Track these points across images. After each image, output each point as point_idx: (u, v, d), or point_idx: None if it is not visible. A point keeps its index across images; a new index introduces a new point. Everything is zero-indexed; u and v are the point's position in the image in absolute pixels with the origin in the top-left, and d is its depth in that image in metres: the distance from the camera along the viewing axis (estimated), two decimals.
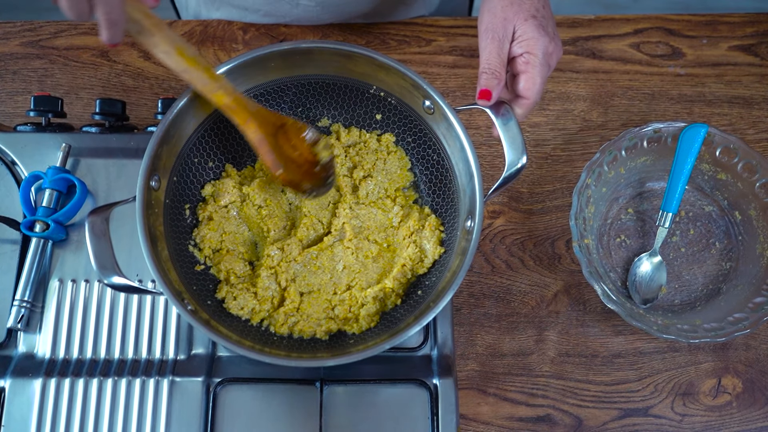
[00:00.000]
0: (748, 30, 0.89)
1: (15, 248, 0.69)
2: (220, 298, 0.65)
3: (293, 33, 0.87)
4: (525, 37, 0.59)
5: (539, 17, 0.60)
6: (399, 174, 0.71)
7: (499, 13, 0.60)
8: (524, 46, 0.59)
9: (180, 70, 0.59)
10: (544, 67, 0.60)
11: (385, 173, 0.70)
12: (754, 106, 0.85)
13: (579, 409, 0.73)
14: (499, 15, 0.60)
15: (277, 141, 0.64)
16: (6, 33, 0.86)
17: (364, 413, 0.65)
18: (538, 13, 0.60)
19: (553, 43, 0.60)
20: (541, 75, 0.60)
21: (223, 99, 0.61)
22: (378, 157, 0.71)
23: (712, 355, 0.75)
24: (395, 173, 0.71)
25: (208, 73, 0.60)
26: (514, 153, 0.61)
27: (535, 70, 0.59)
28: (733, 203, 0.78)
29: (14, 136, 0.72)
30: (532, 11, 0.60)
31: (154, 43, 0.57)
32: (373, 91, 0.69)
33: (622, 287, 0.77)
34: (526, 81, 0.60)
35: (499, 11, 0.60)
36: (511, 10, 0.60)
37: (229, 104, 0.61)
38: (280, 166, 0.64)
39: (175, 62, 0.58)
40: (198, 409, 0.64)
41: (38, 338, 0.67)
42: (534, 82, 0.60)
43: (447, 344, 0.69)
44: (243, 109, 0.62)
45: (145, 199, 0.59)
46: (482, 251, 0.78)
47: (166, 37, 0.57)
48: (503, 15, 0.60)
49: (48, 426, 0.63)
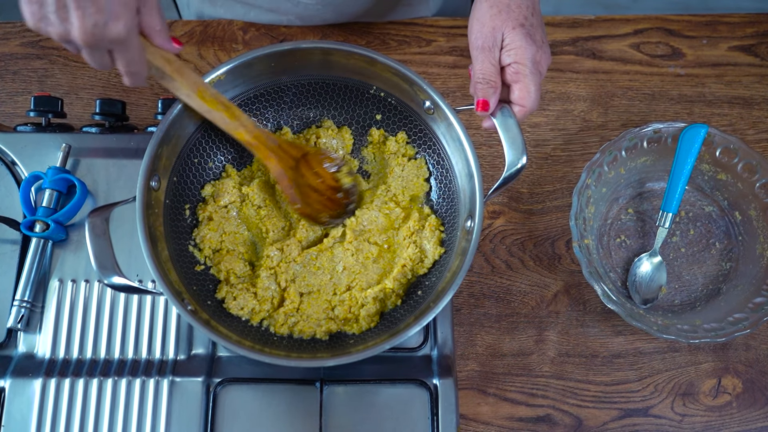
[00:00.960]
0: (748, 30, 0.89)
1: (15, 248, 0.69)
2: (219, 298, 0.65)
3: (293, 33, 0.87)
4: (513, 46, 0.60)
5: (527, 25, 0.60)
6: (415, 182, 0.71)
7: (488, 22, 0.60)
8: (512, 55, 0.60)
9: (202, 111, 0.61)
10: (535, 75, 0.60)
11: (401, 180, 0.70)
12: (754, 107, 0.85)
13: (579, 410, 0.73)
14: (487, 24, 0.60)
15: (299, 170, 0.66)
16: (6, 33, 0.86)
17: (364, 413, 0.65)
18: (527, 21, 0.60)
19: (540, 51, 0.60)
20: (533, 83, 0.60)
21: (244, 136, 0.64)
22: (397, 162, 0.70)
23: (712, 356, 0.75)
24: (411, 181, 0.71)
25: (228, 112, 0.63)
26: (514, 153, 0.61)
27: (527, 79, 0.60)
28: (733, 203, 0.78)
29: (14, 136, 0.72)
30: (520, 19, 0.60)
31: (175, 87, 0.59)
32: (373, 91, 0.69)
33: (622, 287, 0.77)
34: (520, 90, 0.60)
35: (488, 20, 0.60)
36: (499, 19, 0.60)
37: (250, 141, 0.64)
38: (299, 200, 0.66)
39: (197, 104, 0.61)
40: (198, 409, 0.64)
41: (38, 338, 0.67)
42: (528, 90, 0.60)
43: (447, 344, 0.69)
44: (263, 146, 0.65)
45: (145, 199, 0.59)
46: (482, 251, 0.78)
47: (187, 81, 0.59)
48: (491, 24, 0.60)
49: (48, 426, 0.63)
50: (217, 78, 0.63)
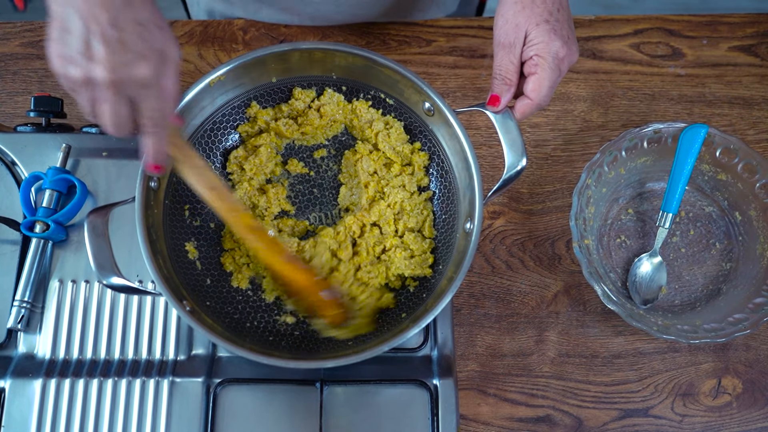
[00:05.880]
0: (748, 30, 0.89)
1: (15, 249, 0.69)
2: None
3: (293, 33, 0.87)
4: (536, 42, 0.59)
5: (552, 21, 0.59)
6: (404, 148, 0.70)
7: (511, 18, 0.60)
8: (535, 49, 0.59)
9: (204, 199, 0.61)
10: (554, 71, 0.59)
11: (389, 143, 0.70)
12: (754, 107, 0.85)
13: (579, 410, 0.73)
14: (510, 21, 0.60)
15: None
16: (6, 33, 0.86)
17: (364, 414, 0.65)
18: (551, 17, 0.59)
19: (565, 47, 0.59)
20: (549, 78, 0.59)
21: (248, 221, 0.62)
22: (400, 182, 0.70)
23: (712, 356, 0.75)
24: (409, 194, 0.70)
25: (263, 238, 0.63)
26: (514, 155, 0.61)
27: (544, 73, 0.59)
28: (733, 204, 0.78)
29: (14, 136, 0.72)
30: (544, 16, 0.59)
31: (182, 171, 0.59)
32: (372, 92, 0.69)
33: (623, 288, 0.77)
34: (533, 83, 0.60)
35: (511, 16, 0.60)
36: (523, 16, 0.60)
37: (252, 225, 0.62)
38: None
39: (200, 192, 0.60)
40: (198, 409, 0.64)
41: (38, 339, 0.67)
42: (541, 84, 0.60)
43: (447, 345, 0.69)
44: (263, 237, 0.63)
45: (145, 199, 0.59)
46: (482, 252, 0.78)
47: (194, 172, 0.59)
48: (515, 21, 0.60)
49: (48, 426, 0.63)
50: (217, 78, 0.63)
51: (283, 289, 0.67)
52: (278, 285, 0.67)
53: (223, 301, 0.66)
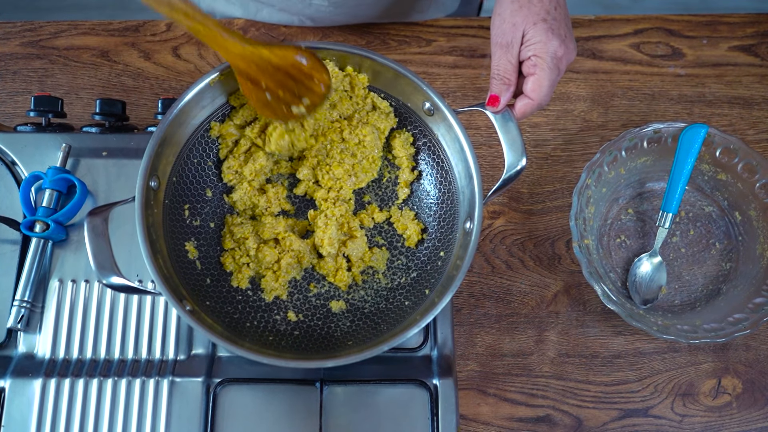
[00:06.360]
0: (748, 30, 0.89)
1: (15, 248, 0.69)
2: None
3: (293, 33, 0.87)
4: (533, 41, 0.59)
5: (549, 20, 0.59)
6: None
7: (508, 18, 0.60)
8: (533, 49, 0.59)
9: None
10: (552, 71, 0.59)
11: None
12: (754, 107, 0.85)
13: (579, 410, 0.73)
14: (507, 20, 0.60)
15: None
16: (6, 33, 0.86)
17: (364, 413, 0.65)
18: (549, 15, 0.59)
19: (563, 46, 0.59)
20: (548, 78, 0.59)
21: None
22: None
23: (712, 356, 0.75)
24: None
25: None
26: (514, 155, 0.61)
27: (543, 73, 0.59)
28: (733, 204, 0.78)
29: (14, 136, 0.72)
30: (542, 15, 0.59)
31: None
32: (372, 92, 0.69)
33: (622, 288, 0.77)
34: (533, 83, 0.60)
35: (508, 16, 0.60)
36: (520, 15, 0.59)
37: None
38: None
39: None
40: (198, 409, 0.64)
41: (38, 338, 0.67)
42: (541, 84, 0.59)
43: (447, 344, 0.69)
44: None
45: (145, 199, 0.59)
46: (482, 252, 0.78)
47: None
48: (512, 20, 0.60)
49: (48, 426, 0.63)
50: (216, 78, 0.63)
51: (257, 97, 0.62)
52: (250, 92, 0.62)
53: (223, 300, 0.66)
